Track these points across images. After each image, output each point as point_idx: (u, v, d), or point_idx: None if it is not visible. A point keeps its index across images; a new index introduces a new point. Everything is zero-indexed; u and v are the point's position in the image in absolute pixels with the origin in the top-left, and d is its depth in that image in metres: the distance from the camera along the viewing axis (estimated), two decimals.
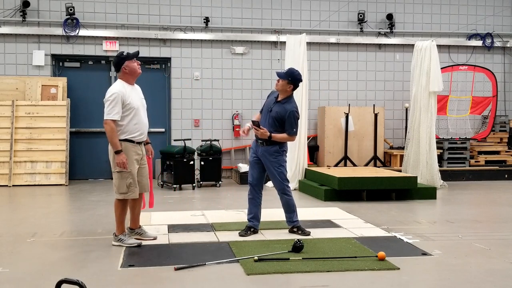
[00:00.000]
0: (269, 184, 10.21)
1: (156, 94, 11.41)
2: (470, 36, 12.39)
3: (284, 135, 5.72)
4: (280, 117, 5.68)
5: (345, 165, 10.90)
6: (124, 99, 5.23)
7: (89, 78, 11.30)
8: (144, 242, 5.41)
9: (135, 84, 5.50)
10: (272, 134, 5.66)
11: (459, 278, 4.33)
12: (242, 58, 11.60)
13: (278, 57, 11.59)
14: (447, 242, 5.55)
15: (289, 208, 5.89)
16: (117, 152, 5.16)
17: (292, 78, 5.68)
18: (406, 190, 8.48)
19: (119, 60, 5.37)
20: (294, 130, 5.73)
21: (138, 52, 5.59)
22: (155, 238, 5.60)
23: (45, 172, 10.25)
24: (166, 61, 11.51)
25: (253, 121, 5.67)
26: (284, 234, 5.83)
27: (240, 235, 5.76)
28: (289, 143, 6.23)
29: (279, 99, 5.75)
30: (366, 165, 11.12)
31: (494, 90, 11.86)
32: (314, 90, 11.72)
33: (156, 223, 6.45)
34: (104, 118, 5.19)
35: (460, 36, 12.38)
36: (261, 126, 5.64)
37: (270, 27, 11.67)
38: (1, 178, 10.12)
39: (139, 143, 5.41)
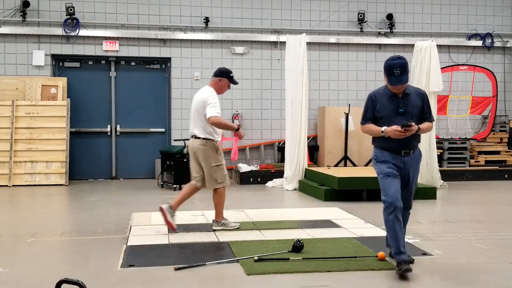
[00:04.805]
0: (269, 184, 10.23)
1: (156, 94, 11.41)
2: (470, 36, 12.39)
3: (429, 124, 4.66)
4: (418, 108, 4.62)
5: (345, 165, 10.89)
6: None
7: (89, 78, 11.30)
8: (144, 242, 5.42)
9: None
10: (420, 126, 4.54)
11: (459, 278, 4.33)
12: (242, 58, 11.60)
13: (278, 57, 11.58)
14: (447, 242, 5.55)
15: (403, 230, 4.58)
16: (237, 129, 5.95)
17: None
18: None
19: (226, 74, 6.05)
20: (432, 115, 4.75)
21: (236, 83, 6.17)
22: (238, 228, 6.03)
23: (45, 172, 10.24)
24: (166, 61, 11.51)
25: (403, 124, 4.45)
26: (284, 234, 5.80)
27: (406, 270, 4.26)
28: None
29: (399, 95, 4.60)
30: (366, 165, 11.10)
31: (494, 90, 11.85)
32: (314, 90, 11.72)
33: (156, 223, 6.44)
34: (212, 115, 5.69)
35: (460, 36, 12.38)
36: (409, 122, 4.43)
37: (270, 27, 11.67)
38: (1, 178, 10.12)
39: None
